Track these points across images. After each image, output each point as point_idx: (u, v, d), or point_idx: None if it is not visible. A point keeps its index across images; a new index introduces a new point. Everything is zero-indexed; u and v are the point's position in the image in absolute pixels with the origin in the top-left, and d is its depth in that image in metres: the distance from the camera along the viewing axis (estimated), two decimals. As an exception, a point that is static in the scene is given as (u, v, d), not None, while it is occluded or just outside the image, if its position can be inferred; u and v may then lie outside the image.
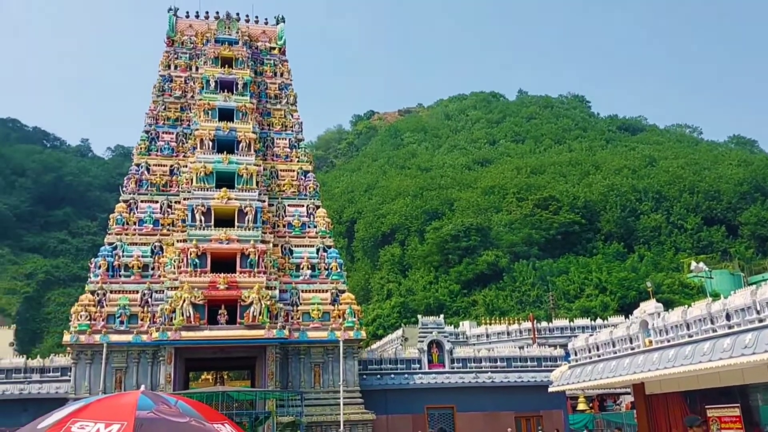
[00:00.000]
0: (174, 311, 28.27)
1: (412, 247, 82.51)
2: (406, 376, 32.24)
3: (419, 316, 36.81)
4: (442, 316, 37.61)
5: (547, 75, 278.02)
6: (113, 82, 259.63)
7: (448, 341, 34.42)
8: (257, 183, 32.58)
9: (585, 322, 49.28)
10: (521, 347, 36.23)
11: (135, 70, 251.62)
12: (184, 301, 28.28)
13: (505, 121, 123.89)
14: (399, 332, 48.99)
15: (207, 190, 31.65)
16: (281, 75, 38.07)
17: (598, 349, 24.87)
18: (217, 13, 38.70)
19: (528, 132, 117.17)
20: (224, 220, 31.39)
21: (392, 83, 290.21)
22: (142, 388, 7.06)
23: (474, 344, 46.06)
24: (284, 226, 33.34)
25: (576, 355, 28.26)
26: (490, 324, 52.40)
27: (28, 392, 28.65)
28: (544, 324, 50.24)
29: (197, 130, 33.58)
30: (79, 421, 5.49)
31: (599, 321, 48.77)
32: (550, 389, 30.74)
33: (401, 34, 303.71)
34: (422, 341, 33.48)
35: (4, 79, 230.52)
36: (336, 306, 31.11)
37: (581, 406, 32.86)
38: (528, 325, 48.70)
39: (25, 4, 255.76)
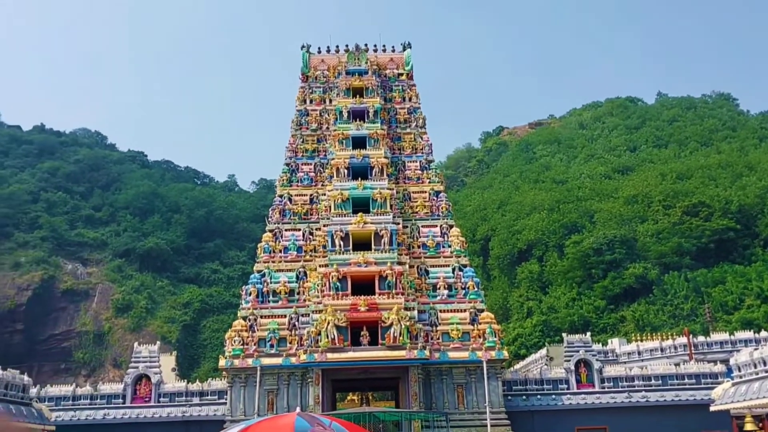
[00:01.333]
0: (319, 334, 29.31)
1: (551, 262, 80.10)
2: (553, 396, 31.21)
3: (564, 335, 35.57)
4: (588, 333, 36.09)
5: (686, 75, 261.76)
6: (252, 120, 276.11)
7: (597, 360, 32.98)
8: (391, 206, 33.25)
9: (748, 334, 45.39)
10: (677, 364, 33.98)
11: (271, 105, 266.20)
12: (328, 323, 29.24)
13: (644, 126, 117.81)
14: (543, 351, 47.59)
15: (344, 216, 32.73)
16: (409, 99, 38.78)
17: (765, 364, 22.87)
18: (347, 46, 40.26)
19: (671, 136, 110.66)
20: (361, 244, 32.25)
21: (520, 97, 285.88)
22: (297, 410, 7.40)
23: (625, 362, 43.82)
24: (419, 246, 33.68)
25: (740, 370, 26.05)
26: (642, 341, 49.58)
27: (189, 414, 30.71)
28: (700, 339, 46.83)
29: (333, 159, 34.94)
30: (242, 441, 5.81)
31: (764, 333, 44.75)
32: (712, 408, 28.51)
33: (527, 46, 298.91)
34: (569, 360, 32.31)
35: (160, 126, 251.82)
36: (475, 326, 30.84)
37: (749, 427, 30.08)
38: (683, 340, 45.63)
39: (171, 56, 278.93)
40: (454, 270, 32.76)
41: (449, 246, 33.64)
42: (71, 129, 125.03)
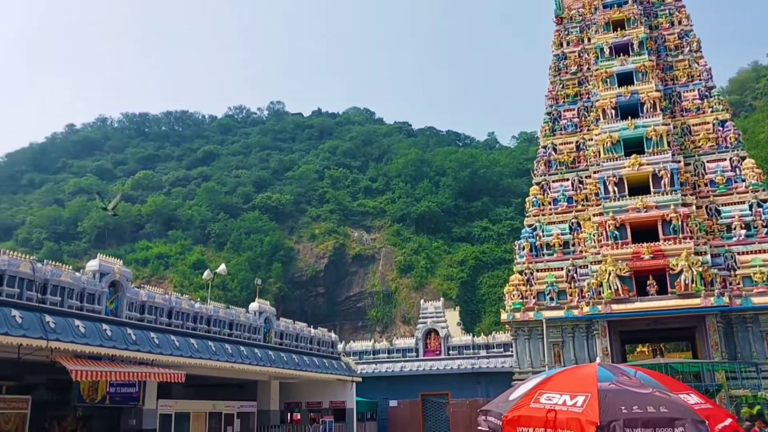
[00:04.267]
0: (600, 285, 28.34)
1: None
2: None
3: None
4: None
5: None
6: (506, 74, 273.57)
7: None
8: (668, 143, 30.55)
9: None
10: None
11: (525, 56, 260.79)
12: (610, 274, 28.12)
13: None
14: None
15: (616, 160, 30.94)
16: (679, 23, 34.99)
17: None
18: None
19: None
20: (638, 188, 30.25)
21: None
22: (598, 360, 7.19)
23: None
24: (705, 184, 30.55)
25: None
26: None
27: (478, 366, 31.99)
28: None
29: (597, 100, 33.11)
30: (546, 392, 5.81)
31: None
32: None
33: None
34: None
35: (419, 95, 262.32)
36: (784, 267, 27.19)
37: None
38: None
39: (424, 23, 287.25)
40: (751, 206, 29.16)
41: (743, 180, 29.97)
42: (343, 109, 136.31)
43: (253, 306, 25.10)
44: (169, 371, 18.26)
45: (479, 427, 6.54)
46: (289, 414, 29.39)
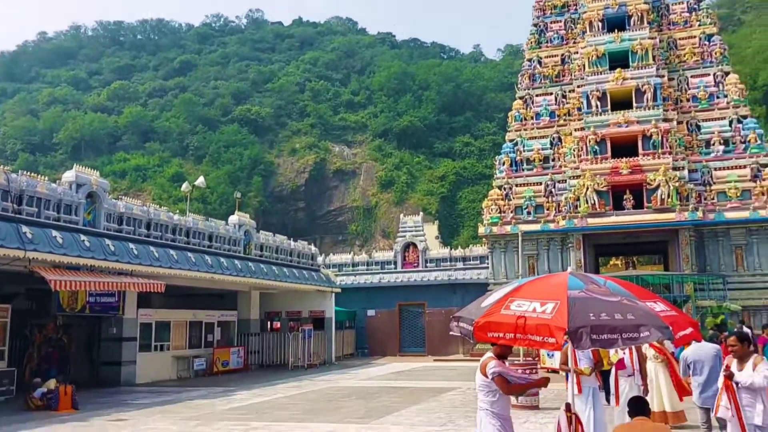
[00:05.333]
0: (578, 199, 28.63)
1: None
2: None
3: None
4: None
5: None
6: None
7: None
8: (653, 57, 30.17)
9: None
10: None
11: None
12: (587, 188, 28.36)
13: None
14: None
15: (600, 74, 30.58)
16: (670, -70, 33.78)
17: None
18: None
19: None
20: (621, 103, 30.08)
21: None
22: (569, 269, 7.29)
23: None
24: (688, 100, 30.45)
25: None
26: None
27: (454, 278, 32.62)
28: None
29: (585, 12, 32.37)
30: (517, 300, 5.88)
31: None
32: None
33: None
34: None
35: (403, 3, 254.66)
36: (758, 182, 27.61)
37: None
38: None
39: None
40: (731, 122, 29.22)
41: (725, 96, 29.88)
42: (325, 19, 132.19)
43: (233, 219, 25.12)
44: (149, 281, 18.41)
45: (451, 332, 6.67)
46: (269, 323, 30.05)
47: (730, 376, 6.68)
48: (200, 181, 29.02)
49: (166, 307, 23.93)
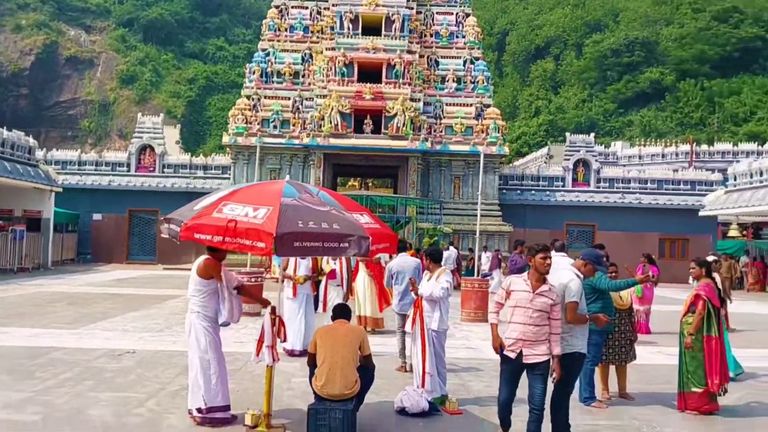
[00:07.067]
0: (323, 119, 29.24)
1: (567, 62, 77.86)
2: (547, 193, 31.97)
3: (567, 135, 35.55)
4: (592, 135, 35.97)
5: None
6: None
7: (597, 161, 33.32)
8: (406, -12, 31.28)
9: (751, 146, 45.27)
10: (675, 170, 34.36)
11: None
12: (332, 109, 29.05)
13: None
14: (544, 150, 47.99)
15: (355, -4, 30.94)
16: None
17: (761, 174, 23.06)
18: None
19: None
20: (372, 29, 30.92)
21: None
22: (287, 177, 7.40)
23: (624, 165, 44.21)
24: (431, 35, 32.35)
25: (735, 180, 26.41)
26: (645, 146, 49.72)
27: (193, 186, 31.54)
28: (704, 147, 46.92)
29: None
30: (230, 204, 5.83)
31: (767, 146, 44.67)
32: (701, 213, 29.30)
33: None
34: (568, 159, 32.64)
35: None
36: (480, 120, 30.67)
37: (733, 233, 31.13)
38: (686, 147, 45.75)
39: None
40: (465, 62, 31.77)
41: (463, 36, 32.28)
42: None
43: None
44: None
45: (162, 235, 6.44)
46: (-28, 221, 26.47)
47: (416, 292, 7.48)
48: None
49: None
